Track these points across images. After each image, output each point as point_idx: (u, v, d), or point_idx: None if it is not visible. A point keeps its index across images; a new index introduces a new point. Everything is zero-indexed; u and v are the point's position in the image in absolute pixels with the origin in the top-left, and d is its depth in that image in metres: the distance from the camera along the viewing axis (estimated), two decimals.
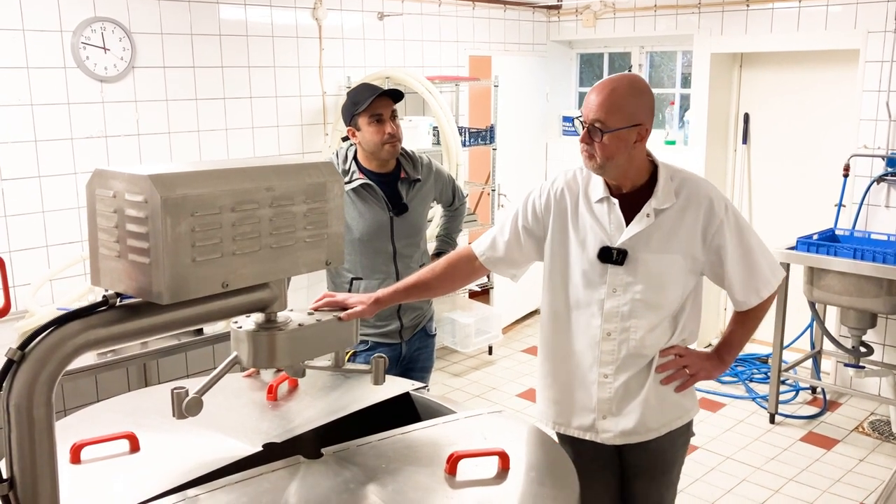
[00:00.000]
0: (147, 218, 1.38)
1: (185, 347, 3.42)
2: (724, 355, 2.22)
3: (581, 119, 2.07)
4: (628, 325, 2.10)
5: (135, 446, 1.88)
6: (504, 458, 1.78)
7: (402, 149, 2.86)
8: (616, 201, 2.12)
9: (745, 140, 5.18)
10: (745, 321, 2.21)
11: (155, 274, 1.39)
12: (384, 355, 1.90)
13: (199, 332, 3.36)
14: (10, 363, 1.34)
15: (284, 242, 1.57)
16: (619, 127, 2.01)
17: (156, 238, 1.37)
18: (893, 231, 4.34)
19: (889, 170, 4.34)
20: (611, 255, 2.09)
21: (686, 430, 2.24)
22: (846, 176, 4.48)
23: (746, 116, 5.15)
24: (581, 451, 2.19)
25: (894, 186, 4.38)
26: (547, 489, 1.72)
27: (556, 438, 2.16)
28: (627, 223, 2.09)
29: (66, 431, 1.90)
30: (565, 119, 6.07)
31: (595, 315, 2.13)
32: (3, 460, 1.37)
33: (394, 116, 2.76)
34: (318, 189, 1.62)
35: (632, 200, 2.11)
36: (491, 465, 1.78)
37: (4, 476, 1.36)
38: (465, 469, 1.76)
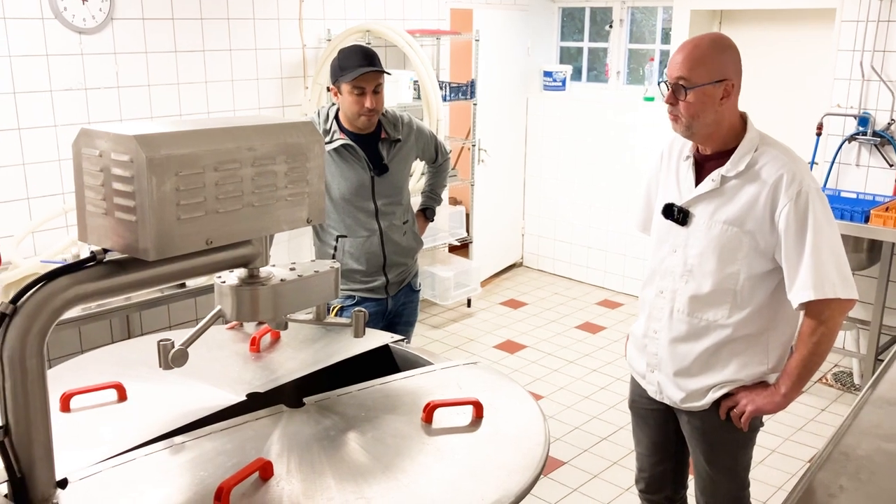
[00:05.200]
0: (133, 177, 1.42)
1: (168, 300, 3.47)
2: (780, 384, 2.08)
3: (665, 82, 2.03)
4: (677, 287, 2.14)
5: (122, 395, 1.94)
6: (478, 407, 1.86)
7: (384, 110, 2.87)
8: (692, 160, 2.12)
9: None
10: (800, 344, 2.05)
11: (141, 231, 1.44)
12: (364, 310, 1.96)
13: (182, 285, 3.41)
14: (2, 316, 1.39)
15: (266, 201, 1.62)
16: (704, 83, 1.96)
17: (141, 196, 1.42)
18: (862, 189, 4.44)
19: (860, 129, 4.42)
20: (673, 213, 2.12)
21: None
22: (819, 135, 4.56)
23: None
24: (642, 395, 2.32)
25: (865, 146, 4.47)
26: (517, 436, 1.81)
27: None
28: (698, 185, 2.09)
29: (56, 381, 1.95)
30: (546, 74, 6.08)
31: (657, 271, 2.21)
32: None
33: (377, 90, 2.74)
34: (298, 149, 1.67)
35: (712, 163, 2.09)
36: (465, 414, 1.86)
37: (0, 423, 1.42)
38: (441, 417, 1.84)
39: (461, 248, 5.62)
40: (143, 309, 3.53)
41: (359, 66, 2.69)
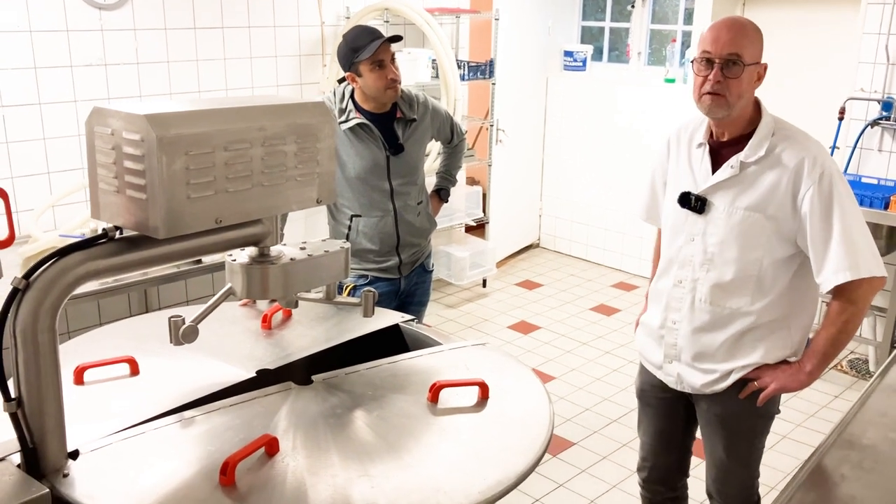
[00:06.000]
0: (143, 156, 1.44)
1: (185, 275, 3.51)
2: (804, 362, 2.07)
3: (706, 58, 1.97)
4: (698, 277, 2.11)
5: (135, 370, 1.98)
6: (483, 388, 1.88)
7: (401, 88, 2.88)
8: (707, 148, 2.10)
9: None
10: (828, 322, 2.03)
11: (151, 209, 1.46)
12: (374, 290, 1.98)
13: (199, 261, 3.44)
14: (15, 291, 1.42)
15: (276, 181, 1.63)
16: (752, 62, 1.96)
17: (152, 175, 1.44)
18: (884, 175, 4.39)
19: (884, 114, 4.36)
20: (689, 202, 2.09)
21: (763, 404, 2.14)
22: (841, 119, 4.49)
23: None
24: (653, 385, 2.31)
25: (888, 131, 4.40)
26: (522, 418, 1.82)
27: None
28: (715, 172, 2.06)
29: (71, 354, 2.00)
30: (567, 54, 6.03)
31: (674, 261, 2.18)
32: (12, 380, 1.47)
33: (393, 59, 2.77)
34: (309, 129, 1.68)
35: (729, 150, 2.07)
36: (471, 395, 1.88)
37: (13, 395, 1.46)
38: (447, 397, 1.86)
39: (477, 229, 5.62)
40: (161, 284, 3.56)
41: (371, 41, 2.70)
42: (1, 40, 3.34)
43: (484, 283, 5.44)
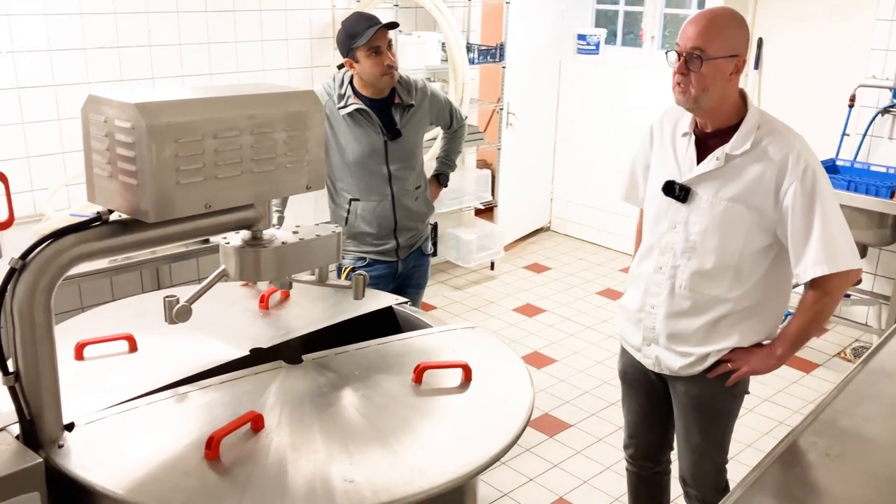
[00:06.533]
0: (134, 143, 1.50)
1: (196, 254, 3.59)
2: (776, 346, 2.15)
3: (675, 51, 2.03)
4: (678, 264, 2.17)
5: (133, 346, 2.06)
6: (467, 371, 1.94)
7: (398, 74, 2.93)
8: (692, 138, 2.14)
9: (756, 65, 5.15)
10: (801, 310, 2.09)
11: (142, 194, 1.53)
12: (364, 273, 2.04)
13: (206, 240, 3.53)
14: (12, 271, 1.50)
15: (265, 167, 1.70)
16: (719, 56, 1.98)
17: (142, 162, 1.51)
18: (893, 164, 4.37)
19: (895, 101, 4.33)
20: (674, 190, 2.14)
21: (733, 385, 2.21)
22: (851, 106, 4.47)
23: (760, 41, 5.10)
24: (634, 366, 2.38)
25: None
26: (502, 400, 1.88)
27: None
28: (700, 163, 2.11)
29: (73, 331, 2.09)
30: (580, 37, 6.03)
31: (655, 247, 2.23)
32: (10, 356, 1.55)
33: (389, 46, 2.81)
34: (298, 117, 1.73)
35: (714, 141, 2.10)
36: (455, 377, 1.94)
37: (11, 370, 1.54)
38: (431, 379, 1.92)
39: (487, 212, 5.66)
40: (173, 262, 3.65)
41: (368, 27, 2.75)
42: (17, 23, 3.42)
43: (492, 266, 5.49)
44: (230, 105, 1.64)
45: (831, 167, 4.40)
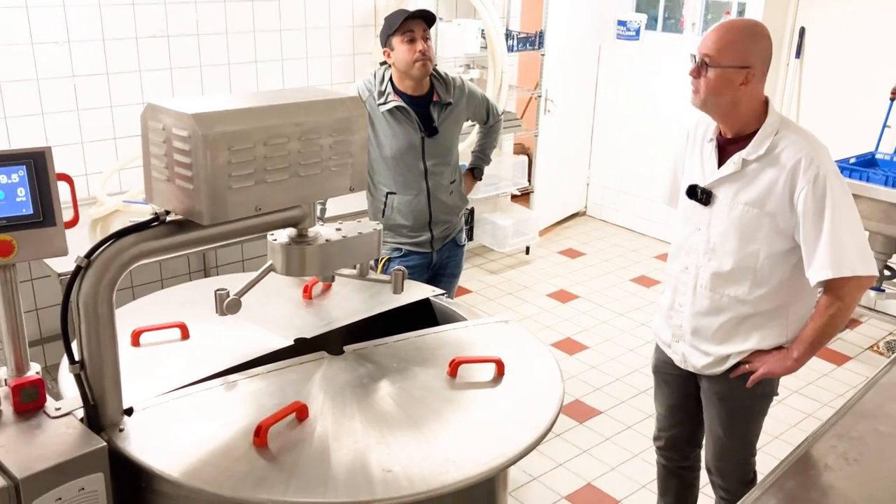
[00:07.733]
0: (190, 150, 1.61)
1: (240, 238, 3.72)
2: (793, 349, 2.19)
3: (693, 54, 2.16)
4: (700, 264, 2.26)
5: (185, 334, 2.18)
6: (500, 365, 2.03)
7: (437, 71, 3.00)
8: (715, 143, 2.22)
9: (798, 55, 5.11)
10: (816, 314, 2.15)
11: (197, 198, 1.63)
12: (403, 268, 2.13)
13: None
14: (78, 269, 1.62)
15: (312, 171, 1.79)
16: (727, 65, 2.07)
17: (197, 168, 1.61)
18: None
19: None
20: (696, 194, 2.23)
21: (760, 384, 2.25)
22: (893, 99, 4.43)
23: (802, 30, 5.05)
24: (666, 362, 2.46)
25: None
26: (533, 395, 1.97)
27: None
28: (720, 167, 2.19)
29: (129, 318, 2.22)
30: (620, 23, 6.01)
31: (682, 247, 2.33)
32: (75, 345, 1.68)
33: (426, 38, 2.89)
34: (343, 123, 1.82)
35: (734, 147, 2.18)
36: (488, 371, 2.03)
37: (76, 359, 1.67)
38: (465, 373, 2.02)
39: (523, 197, 5.72)
40: (219, 246, 3.79)
41: (404, 17, 2.86)
42: (72, 14, 3.55)
43: (527, 251, 5.56)
44: (279, 113, 1.73)
45: (870, 161, 4.38)
